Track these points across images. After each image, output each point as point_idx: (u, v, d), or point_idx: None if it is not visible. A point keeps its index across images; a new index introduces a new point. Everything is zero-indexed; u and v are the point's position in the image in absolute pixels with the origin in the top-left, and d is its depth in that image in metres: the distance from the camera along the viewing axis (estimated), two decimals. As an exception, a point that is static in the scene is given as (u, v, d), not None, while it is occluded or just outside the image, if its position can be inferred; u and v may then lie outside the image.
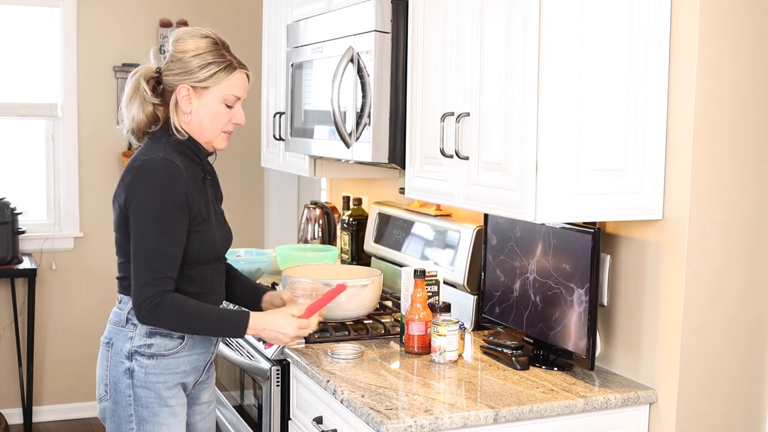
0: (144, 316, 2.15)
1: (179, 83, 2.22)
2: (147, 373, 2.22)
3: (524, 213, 2.10)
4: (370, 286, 2.78)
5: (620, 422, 2.24)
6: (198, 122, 2.25)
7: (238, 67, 2.26)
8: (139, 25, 4.95)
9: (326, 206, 3.94)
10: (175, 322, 2.18)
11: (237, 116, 2.29)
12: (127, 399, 2.23)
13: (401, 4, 2.62)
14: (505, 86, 2.15)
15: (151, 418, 2.23)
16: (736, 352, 2.26)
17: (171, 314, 2.15)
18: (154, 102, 2.25)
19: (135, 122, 2.26)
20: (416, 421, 2.02)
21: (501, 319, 2.63)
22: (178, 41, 2.25)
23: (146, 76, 2.25)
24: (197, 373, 2.33)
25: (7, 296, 4.78)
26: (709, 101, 2.15)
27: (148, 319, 2.16)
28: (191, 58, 2.21)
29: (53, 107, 4.87)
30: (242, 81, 2.27)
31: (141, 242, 2.14)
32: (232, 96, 2.25)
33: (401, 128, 2.66)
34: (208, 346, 2.34)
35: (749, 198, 2.22)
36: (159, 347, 2.23)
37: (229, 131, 2.30)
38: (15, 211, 4.55)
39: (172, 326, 2.20)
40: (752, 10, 2.17)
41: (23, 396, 4.73)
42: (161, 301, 2.13)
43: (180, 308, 2.16)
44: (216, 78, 2.22)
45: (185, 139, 2.25)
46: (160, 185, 2.14)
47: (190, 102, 2.23)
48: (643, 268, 2.29)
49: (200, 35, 2.25)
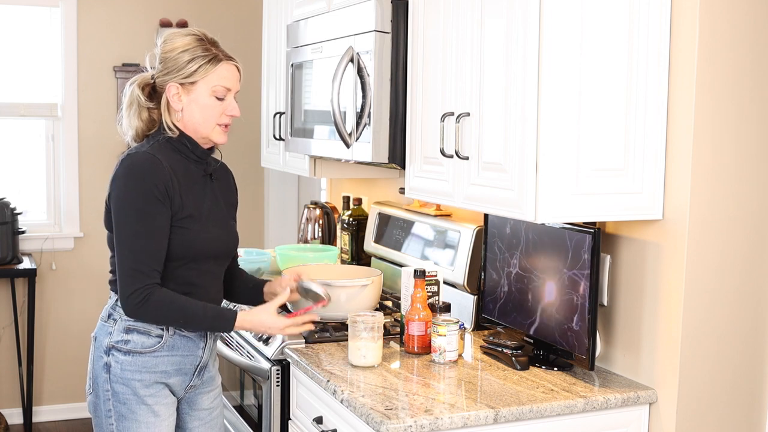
0: (132, 310, 2.16)
1: (168, 82, 2.24)
2: (123, 369, 2.22)
3: (524, 213, 2.10)
4: (370, 286, 2.78)
5: (620, 422, 2.24)
6: (190, 118, 2.26)
7: (224, 58, 2.26)
8: (139, 26, 4.95)
9: (326, 206, 3.94)
10: (163, 316, 2.19)
11: (230, 108, 2.28)
12: (106, 394, 2.24)
13: (401, 4, 2.62)
14: (506, 86, 2.15)
15: (129, 415, 2.23)
16: (736, 351, 2.26)
17: (159, 308, 2.17)
18: (149, 106, 2.28)
19: (133, 129, 2.29)
20: (416, 421, 2.02)
21: (501, 319, 2.63)
22: (165, 42, 2.28)
23: (141, 83, 2.29)
24: (183, 376, 2.31)
25: (7, 296, 4.78)
26: (709, 101, 2.15)
27: (137, 313, 2.17)
28: (177, 55, 2.23)
29: (53, 107, 4.87)
30: (230, 72, 2.27)
31: (123, 236, 2.17)
32: (221, 87, 2.25)
33: (401, 128, 2.66)
34: (194, 349, 2.30)
35: (749, 198, 2.22)
36: (135, 344, 2.23)
37: (225, 124, 2.30)
38: (15, 211, 4.55)
39: (160, 320, 2.21)
40: (752, 10, 2.17)
41: (23, 396, 4.73)
42: (149, 294, 2.15)
43: (170, 302, 2.18)
44: (202, 71, 2.23)
45: (177, 135, 2.26)
46: (139, 178, 2.16)
47: (180, 99, 2.25)
48: (643, 268, 2.29)
49: (185, 34, 2.27)
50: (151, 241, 2.16)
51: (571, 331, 2.31)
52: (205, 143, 2.31)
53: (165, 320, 2.22)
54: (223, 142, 2.33)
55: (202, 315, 2.23)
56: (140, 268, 2.15)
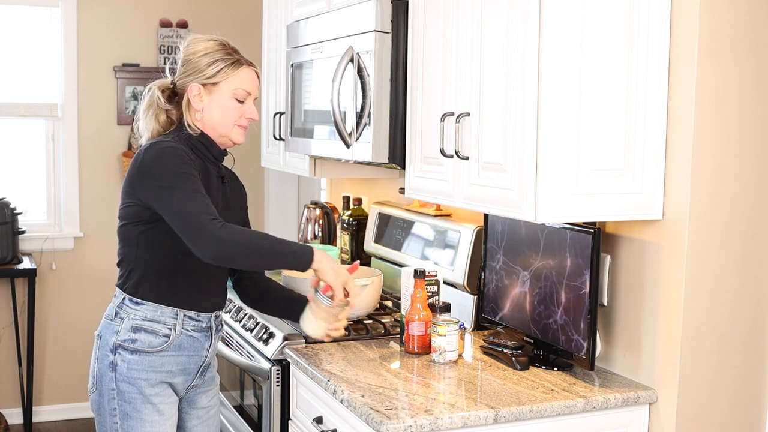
0: (215, 235, 2.05)
1: (190, 83, 2.28)
2: (129, 368, 2.22)
3: (524, 213, 2.10)
4: (370, 286, 2.78)
5: (620, 422, 2.24)
6: (210, 117, 2.29)
7: (246, 63, 2.32)
8: (139, 26, 4.95)
9: (326, 206, 3.94)
10: (248, 235, 2.11)
11: (249, 111, 2.32)
12: (111, 393, 2.24)
13: (401, 4, 2.62)
14: (506, 86, 2.15)
15: (134, 414, 2.23)
16: (736, 351, 2.26)
17: (241, 232, 2.09)
18: (167, 108, 2.32)
19: (149, 131, 2.32)
20: (416, 421, 2.02)
21: (501, 319, 2.63)
22: (188, 45, 2.33)
23: (161, 87, 2.33)
24: (187, 375, 2.31)
25: (7, 296, 4.78)
26: (709, 101, 2.15)
27: (221, 234, 2.06)
28: (200, 57, 2.28)
29: (53, 107, 4.87)
30: (251, 77, 2.32)
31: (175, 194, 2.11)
32: (242, 90, 2.29)
33: (401, 128, 2.66)
34: (199, 349, 2.31)
35: (749, 198, 2.22)
36: (143, 343, 2.23)
37: (244, 125, 2.33)
38: (15, 211, 4.55)
39: (244, 245, 2.10)
40: (752, 10, 2.17)
41: (23, 396, 4.73)
42: (224, 222, 2.09)
43: (245, 229, 2.12)
44: (224, 73, 2.27)
45: (197, 135, 2.29)
46: (170, 155, 2.16)
47: (201, 99, 2.28)
48: (643, 268, 2.29)
49: (208, 38, 2.33)
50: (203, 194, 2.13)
51: (571, 331, 2.31)
52: (223, 143, 2.33)
53: (251, 241, 2.11)
54: (241, 142, 2.36)
55: (280, 240, 2.17)
56: (207, 206, 2.10)
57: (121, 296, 2.27)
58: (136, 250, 2.24)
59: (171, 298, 2.24)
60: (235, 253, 2.09)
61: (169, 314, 2.24)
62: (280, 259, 2.18)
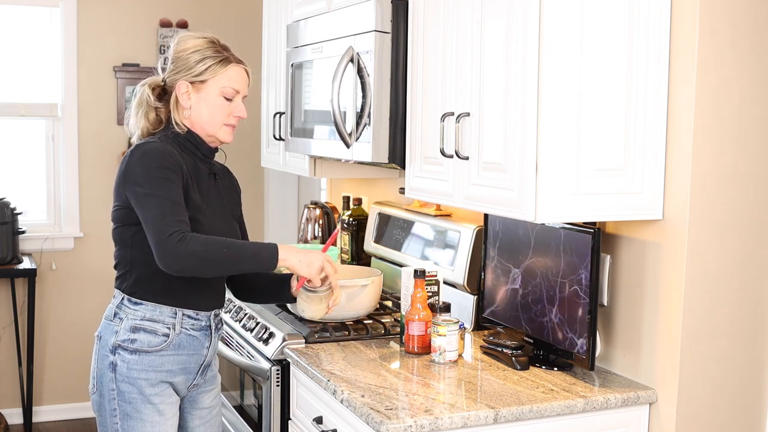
0: (172, 251, 2.07)
1: (178, 81, 2.28)
2: (129, 368, 2.22)
3: (524, 213, 2.10)
4: (370, 286, 2.78)
5: (620, 422, 2.24)
6: (198, 116, 2.28)
7: (235, 61, 2.31)
8: (139, 26, 4.95)
9: (326, 206, 3.94)
10: (206, 250, 2.10)
11: (237, 109, 2.32)
12: (111, 393, 2.24)
13: (401, 4, 2.62)
14: (505, 86, 2.15)
15: (135, 414, 2.23)
16: (736, 352, 2.26)
17: (200, 243, 2.09)
18: (157, 106, 2.31)
19: (140, 129, 2.32)
20: (416, 421, 2.02)
21: (501, 319, 2.63)
22: (179, 43, 2.33)
23: (152, 84, 2.33)
24: (187, 374, 2.31)
25: (7, 296, 4.78)
26: (709, 101, 2.15)
27: (177, 252, 2.08)
28: (189, 54, 2.28)
29: (53, 107, 4.87)
30: (239, 74, 2.31)
31: (148, 203, 2.12)
32: (231, 89, 2.29)
33: (401, 128, 2.66)
34: (199, 348, 2.31)
35: (749, 198, 2.22)
36: (142, 343, 2.23)
37: (232, 124, 2.33)
38: (15, 211, 4.55)
39: (203, 255, 2.10)
40: (752, 10, 2.17)
41: (23, 396, 4.73)
42: (185, 234, 2.09)
43: (206, 240, 2.11)
44: (212, 70, 2.27)
45: (185, 133, 2.29)
46: (154, 157, 2.16)
47: (189, 97, 2.28)
48: (643, 268, 2.29)
49: (198, 36, 2.32)
50: (174, 202, 2.13)
51: (572, 331, 2.31)
52: (211, 141, 2.33)
53: (207, 254, 2.10)
54: (229, 141, 2.35)
55: (241, 245, 2.17)
56: (171, 218, 2.10)
57: (120, 297, 2.27)
58: (132, 252, 2.25)
59: (169, 297, 2.24)
60: (194, 266, 2.11)
61: (168, 313, 2.24)
62: (242, 265, 2.18)
